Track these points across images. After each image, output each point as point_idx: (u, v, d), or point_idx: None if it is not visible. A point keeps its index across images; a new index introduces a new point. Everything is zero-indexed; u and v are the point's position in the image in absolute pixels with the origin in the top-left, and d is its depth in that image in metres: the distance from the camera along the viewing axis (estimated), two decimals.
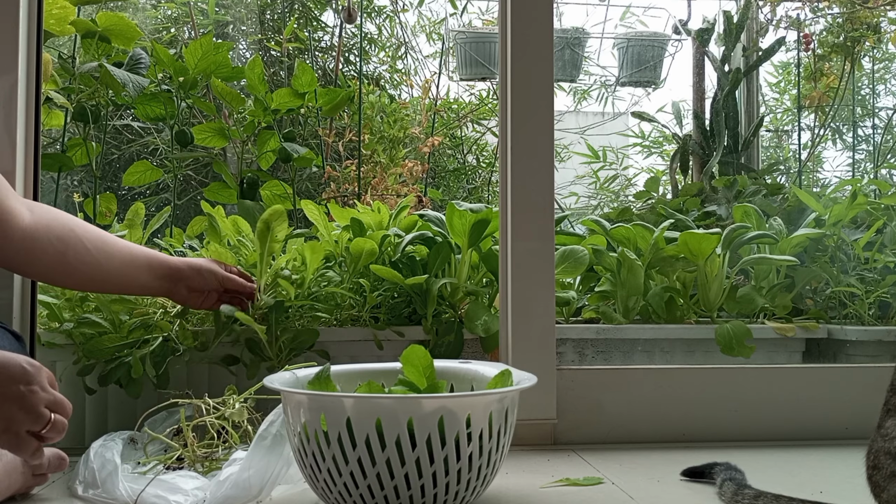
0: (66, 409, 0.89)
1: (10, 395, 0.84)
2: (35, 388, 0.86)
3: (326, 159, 2.35)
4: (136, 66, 1.66)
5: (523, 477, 1.19)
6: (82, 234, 1.22)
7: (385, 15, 2.98)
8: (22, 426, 0.85)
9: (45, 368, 0.89)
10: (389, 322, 1.52)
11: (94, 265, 1.23)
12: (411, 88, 2.93)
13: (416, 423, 0.90)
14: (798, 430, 1.48)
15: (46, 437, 0.87)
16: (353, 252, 1.51)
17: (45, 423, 0.86)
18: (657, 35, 2.90)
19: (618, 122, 3.25)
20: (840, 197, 1.99)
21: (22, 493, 1.06)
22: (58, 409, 0.88)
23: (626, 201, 3.06)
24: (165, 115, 1.76)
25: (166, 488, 1.00)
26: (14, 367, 0.86)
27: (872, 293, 1.77)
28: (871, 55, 2.89)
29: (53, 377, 0.91)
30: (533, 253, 1.42)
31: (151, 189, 2.47)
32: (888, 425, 0.84)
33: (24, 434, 0.86)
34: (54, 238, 1.18)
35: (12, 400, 0.84)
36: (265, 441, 1.02)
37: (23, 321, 1.32)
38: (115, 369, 1.35)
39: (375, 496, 0.92)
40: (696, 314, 1.77)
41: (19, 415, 0.85)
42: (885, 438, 0.83)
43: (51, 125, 1.74)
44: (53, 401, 0.88)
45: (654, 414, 1.46)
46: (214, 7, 2.74)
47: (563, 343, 1.68)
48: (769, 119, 3.19)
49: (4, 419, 0.84)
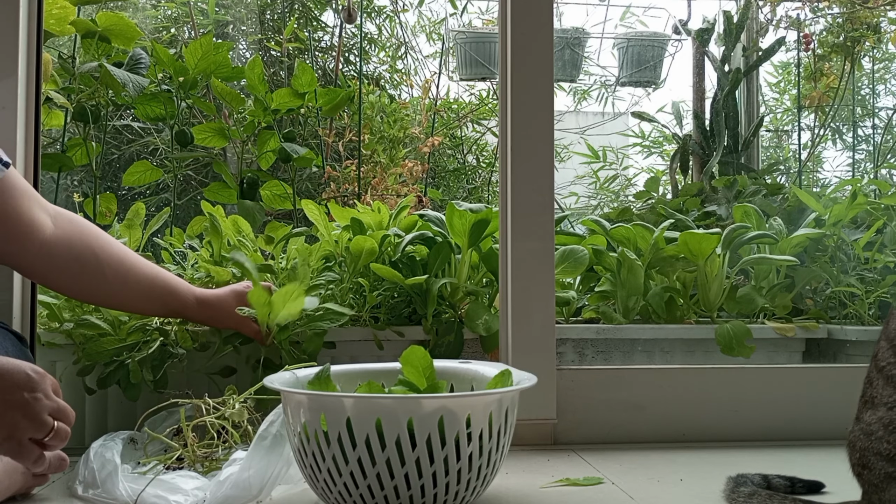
0: (69, 418, 0.89)
1: (14, 402, 0.84)
2: (39, 395, 0.86)
3: (326, 159, 2.35)
4: (136, 66, 1.66)
5: (523, 477, 1.19)
6: (104, 259, 1.21)
7: (385, 15, 2.98)
8: (25, 434, 0.85)
9: (49, 376, 0.89)
10: (389, 322, 1.52)
11: (108, 293, 1.24)
12: (411, 88, 2.93)
13: (416, 423, 0.90)
14: (798, 430, 1.48)
15: (49, 445, 0.87)
16: (353, 252, 1.51)
17: (48, 431, 0.86)
18: (657, 35, 2.89)
19: (618, 122, 3.25)
20: (840, 197, 1.99)
21: (22, 493, 1.06)
22: (61, 417, 0.88)
23: (626, 201, 3.06)
24: (165, 115, 1.76)
25: (166, 488, 1.00)
26: (19, 374, 0.85)
27: (872, 293, 1.77)
28: (871, 55, 2.89)
29: (58, 385, 0.91)
30: (533, 253, 1.42)
31: (151, 189, 2.47)
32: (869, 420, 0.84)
33: (27, 442, 0.86)
34: (72, 259, 1.18)
35: (16, 407, 0.84)
36: (265, 441, 1.02)
37: (23, 321, 1.32)
38: (114, 372, 1.35)
39: (375, 496, 0.92)
40: (696, 314, 1.77)
41: (23, 422, 0.85)
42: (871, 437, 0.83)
43: (51, 125, 1.74)
44: (57, 408, 0.88)
45: (654, 414, 1.46)
46: (214, 7, 2.74)
47: (563, 343, 1.68)
48: (769, 119, 3.19)
49: (8, 426, 0.84)
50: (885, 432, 0.81)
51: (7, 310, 1.29)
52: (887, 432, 0.81)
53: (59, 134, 1.86)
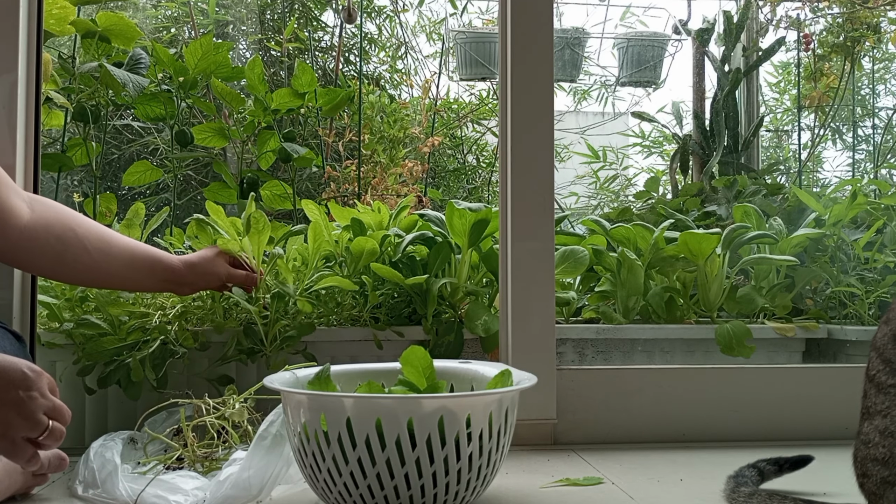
0: (64, 417, 0.89)
1: (9, 400, 0.84)
2: (34, 394, 0.85)
3: (326, 159, 2.35)
4: (136, 66, 1.66)
5: (523, 477, 1.19)
6: (83, 234, 1.21)
7: (385, 15, 2.98)
8: (19, 432, 0.84)
9: (45, 374, 0.88)
10: (389, 322, 1.52)
11: (92, 266, 1.23)
12: (411, 88, 2.93)
13: (416, 423, 0.90)
14: (798, 430, 1.48)
15: (43, 444, 0.86)
16: (353, 252, 1.51)
17: (42, 430, 0.86)
18: (657, 35, 2.89)
19: (618, 122, 3.25)
20: (840, 197, 1.99)
21: (22, 493, 1.06)
22: (56, 416, 0.87)
23: (626, 201, 3.06)
24: (165, 115, 1.76)
25: (166, 488, 1.00)
26: (14, 371, 0.85)
27: (872, 293, 1.77)
28: (871, 55, 2.89)
29: (54, 383, 0.90)
30: (533, 253, 1.42)
31: (151, 189, 2.47)
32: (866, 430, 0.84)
33: (21, 440, 0.85)
34: (53, 238, 1.18)
35: (10, 405, 0.84)
36: (265, 441, 1.02)
37: (23, 321, 1.32)
38: (114, 371, 1.35)
39: (375, 496, 0.92)
40: (696, 314, 1.77)
41: (17, 420, 0.84)
42: (868, 445, 0.83)
43: (51, 125, 1.74)
44: (52, 407, 0.87)
45: (654, 414, 1.46)
46: (214, 7, 2.74)
47: (563, 343, 1.68)
48: (769, 119, 3.19)
49: (1, 424, 0.83)
50: (881, 437, 0.82)
51: (7, 309, 1.29)
52: (883, 437, 0.81)
53: (59, 134, 1.86)
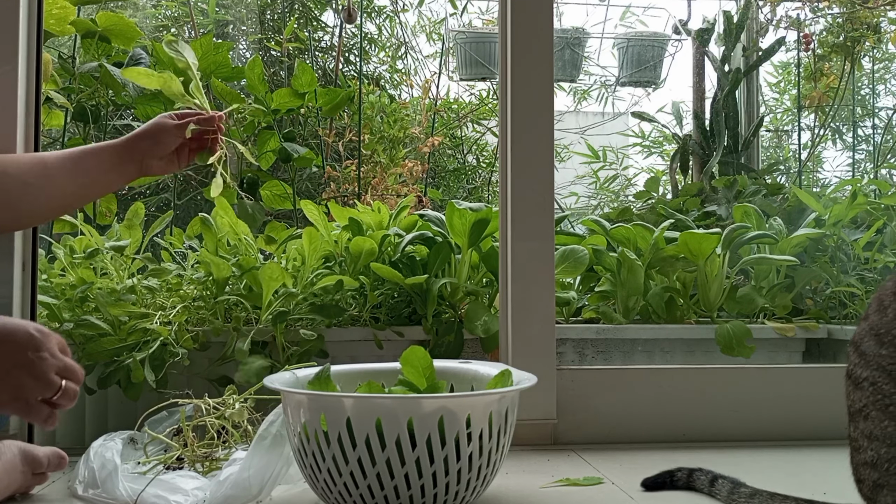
0: (77, 375, 0.88)
1: (19, 362, 0.83)
2: (44, 354, 0.84)
3: (326, 159, 2.35)
4: (136, 66, 1.66)
5: (523, 477, 1.19)
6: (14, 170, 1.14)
7: (385, 15, 2.98)
8: (32, 394, 0.84)
9: (54, 334, 0.87)
10: (389, 322, 1.52)
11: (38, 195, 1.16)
12: (411, 88, 2.93)
13: (416, 423, 0.90)
14: (798, 430, 1.47)
15: (58, 403, 0.86)
16: (352, 252, 1.51)
17: (55, 390, 0.85)
18: (657, 35, 2.89)
19: (618, 122, 3.25)
20: (840, 197, 1.99)
21: (22, 492, 1.06)
22: (69, 375, 0.86)
23: (626, 201, 3.06)
24: None
25: (166, 488, 1.00)
26: (21, 333, 0.84)
27: (872, 293, 1.76)
28: (871, 55, 2.89)
29: (64, 342, 0.89)
30: (533, 253, 1.42)
31: (151, 189, 2.47)
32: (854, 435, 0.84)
33: (35, 402, 0.84)
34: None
35: (21, 367, 0.83)
36: (265, 441, 1.02)
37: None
38: (114, 372, 1.35)
39: (375, 496, 0.92)
40: (696, 314, 1.77)
41: (29, 382, 0.83)
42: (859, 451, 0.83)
43: (51, 125, 1.74)
44: (64, 367, 0.86)
45: (654, 414, 1.46)
46: (214, 7, 2.74)
47: (563, 343, 1.68)
48: (769, 119, 3.19)
49: (14, 387, 0.83)
50: (868, 441, 0.82)
51: (7, 309, 1.29)
52: (869, 441, 0.82)
53: (59, 134, 1.86)
